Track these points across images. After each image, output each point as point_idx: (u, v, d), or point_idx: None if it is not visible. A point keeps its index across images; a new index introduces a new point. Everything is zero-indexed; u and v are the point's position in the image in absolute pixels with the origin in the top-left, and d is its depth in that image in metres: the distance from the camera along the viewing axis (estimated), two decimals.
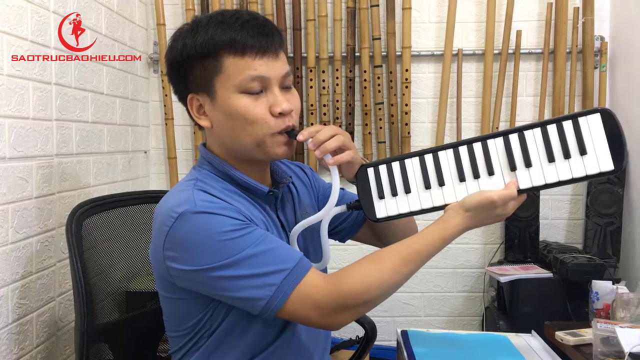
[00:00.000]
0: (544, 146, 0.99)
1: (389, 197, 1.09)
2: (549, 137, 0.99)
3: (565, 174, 0.98)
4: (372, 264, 1.03)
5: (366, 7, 2.39)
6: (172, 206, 1.04)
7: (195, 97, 1.12)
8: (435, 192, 1.06)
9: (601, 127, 0.97)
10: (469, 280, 2.51)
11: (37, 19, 1.57)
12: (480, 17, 2.44)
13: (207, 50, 1.06)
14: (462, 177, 1.04)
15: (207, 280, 1.02)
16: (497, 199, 1.00)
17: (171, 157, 2.49)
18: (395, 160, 1.11)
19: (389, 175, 1.10)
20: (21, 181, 1.48)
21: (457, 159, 1.05)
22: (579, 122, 0.98)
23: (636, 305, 1.72)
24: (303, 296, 1.00)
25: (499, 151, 1.02)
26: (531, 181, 1.00)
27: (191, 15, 2.42)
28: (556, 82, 2.41)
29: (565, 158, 0.98)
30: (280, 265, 1.01)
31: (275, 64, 1.08)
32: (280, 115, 1.07)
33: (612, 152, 0.96)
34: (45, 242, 1.60)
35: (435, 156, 1.07)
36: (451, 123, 2.47)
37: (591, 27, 2.39)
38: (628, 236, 2.24)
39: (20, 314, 1.47)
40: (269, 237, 1.04)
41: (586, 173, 0.97)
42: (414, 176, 1.08)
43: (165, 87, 2.46)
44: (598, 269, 2.01)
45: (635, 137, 2.21)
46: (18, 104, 1.48)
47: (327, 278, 1.03)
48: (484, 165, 1.03)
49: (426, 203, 1.07)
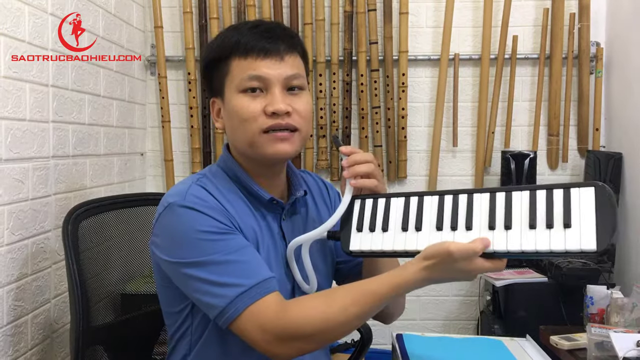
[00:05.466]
0: (528, 211, 0.92)
1: (366, 231, 1.04)
2: (536, 203, 0.92)
3: (543, 244, 0.89)
4: (323, 298, 1.02)
5: (363, 11, 2.40)
6: (168, 195, 1.09)
7: (215, 101, 1.16)
8: (410, 236, 1.00)
9: (592, 203, 0.89)
10: (464, 284, 2.52)
11: (34, 21, 1.57)
12: (477, 22, 2.46)
13: (219, 54, 1.11)
14: (440, 225, 0.98)
15: (178, 275, 1.05)
16: (454, 251, 0.91)
17: (168, 159, 2.49)
18: (383, 197, 1.07)
19: (373, 209, 1.06)
20: (17, 183, 1.48)
21: (440, 206, 1.00)
22: (570, 193, 0.91)
23: (630, 310, 1.73)
24: (254, 317, 0.99)
25: (482, 207, 0.96)
26: (507, 244, 0.91)
27: (189, 18, 2.43)
28: (552, 88, 2.42)
29: (547, 227, 0.90)
30: (241, 279, 1.00)
31: (279, 65, 1.09)
32: (273, 115, 1.07)
33: (598, 231, 0.87)
34: (41, 244, 1.59)
35: (420, 200, 1.03)
36: (447, 127, 2.48)
37: (587, 32, 2.40)
38: (623, 241, 2.24)
39: (15, 315, 1.47)
40: (246, 250, 1.04)
41: (565, 248, 0.87)
42: (395, 215, 1.03)
43: (162, 90, 2.46)
44: (593, 274, 2.01)
45: (630, 143, 2.22)
46: (15, 106, 1.48)
47: (281, 305, 1.00)
48: (464, 218, 0.96)
49: (399, 245, 1.00)
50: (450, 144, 2.49)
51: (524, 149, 2.44)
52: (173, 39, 2.50)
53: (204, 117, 2.47)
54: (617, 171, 2.25)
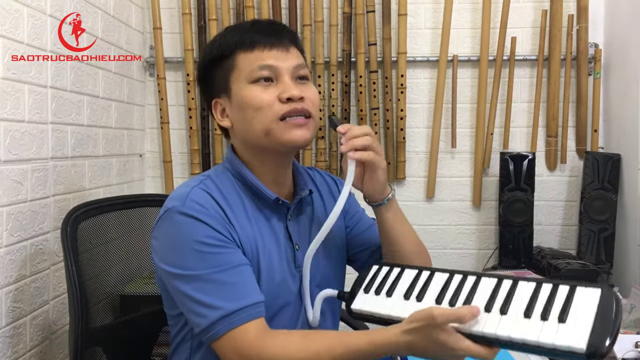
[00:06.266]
0: (528, 300, 0.89)
1: (372, 294, 1.04)
2: (539, 294, 0.90)
3: (532, 335, 0.84)
4: (301, 338, 1.00)
5: (362, 12, 2.41)
6: (169, 198, 1.08)
7: (218, 101, 1.15)
8: (410, 305, 0.98)
9: (595, 305, 0.84)
10: None
11: (33, 22, 1.57)
12: (476, 24, 2.46)
13: (222, 52, 1.12)
14: (439, 300, 0.96)
15: (169, 284, 1.05)
16: (437, 315, 0.86)
17: (166, 160, 2.49)
18: (399, 267, 1.08)
19: (386, 275, 1.07)
20: (16, 184, 1.48)
21: (447, 283, 0.99)
22: (575, 291, 0.88)
23: (629, 311, 1.73)
24: (232, 342, 0.99)
25: (485, 289, 0.95)
26: (497, 329, 0.86)
27: (187, 19, 2.43)
28: (550, 89, 2.42)
29: (541, 319, 0.85)
30: (225, 302, 1.00)
31: (286, 56, 1.10)
32: (288, 100, 1.08)
33: (592, 333, 0.81)
34: (40, 245, 1.59)
35: (431, 274, 1.03)
36: (446, 129, 2.48)
37: (585, 34, 2.40)
38: (621, 242, 2.25)
39: (14, 317, 1.47)
40: (237, 270, 1.03)
41: (553, 342, 0.82)
42: (403, 284, 1.03)
43: (161, 91, 2.46)
44: (591, 275, 2.02)
45: (628, 144, 2.23)
46: (13, 107, 1.48)
47: (260, 334, 1.00)
48: (464, 297, 0.95)
49: (397, 312, 0.98)
50: (449, 145, 2.49)
51: (522, 150, 2.45)
52: (172, 40, 2.50)
53: (203, 118, 2.47)
54: (616, 172, 2.25)
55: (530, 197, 2.28)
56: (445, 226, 2.52)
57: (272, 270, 1.10)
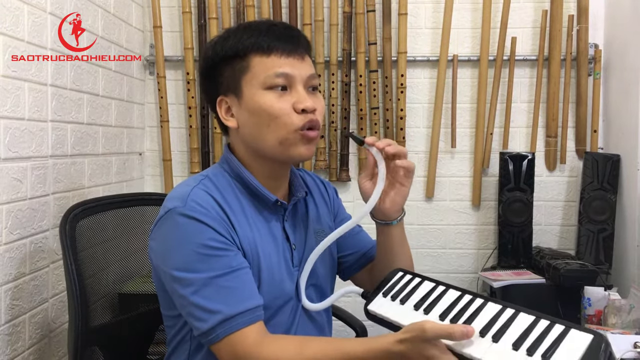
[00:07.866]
0: (521, 333, 0.92)
1: (388, 299, 1.07)
2: (533, 329, 0.92)
3: None
4: (297, 343, 1.01)
5: (362, 12, 2.40)
6: (169, 198, 1.08)
7: (224, 99, 1.14)
8: (416, 316, 1.01)
9: (582, 349, 0.86)
10: (462, 285, 2.48)
11: (33, 20, 1.57)
12: (476, 24, 2.46)
13: (235, 52, 1.10)
14: (444, 315, 0.99)
15: (168, 285, 1.05)
16: (428, 329, 0.89)
17: (166, 159, 2.49)
18: (420, 277, 1.10)
19: (406, 283, 1.09)
20: (16, 182, 1.48)
21: (456, 301, 1.02)
22: (568, 332, 0.90)
23: (628, 312, 1.73)
24: (231, 346, 1.00)
25: (487, 314, 0.97)
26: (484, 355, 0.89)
27: (188, 18, 2.43)
28: (550, 89, 2.42)
29: (527, 354, 0.88)
30: (224, 307, 1.00)
31: (301, 64, 1.10)
32: (303, 112, 1.08)
33: None
34: (39, 243, 1.59)
35: (445, 290, 1.05)
36: (446, 128, 2.48)
37: (585, 34, 2.41)
38: (620, 243, 2.25)
39: (12, 315, 1.47)
40: (237, 273, 1.03)
41: None
42: (417, 294, 1.06)
43: (161, 89, 2.46)
44: (590, 275, 2.02)
45: (628, 145, 2.23)
46: (13, 105, 1.48)
47: (259, 338, 1.01)
48: (466, 317, 0.97)
49: (404, 319, 1.01)
50: (448, 145, 2.49)
51: (522, 150, 2.45)
52: (172, 39, 2.50)
53: (203, 117, 2.47)
54: (615, 173, 2.25)
55: (529, 197, 2.28)
56: (445, 226, 2.52)
57: (272, 271, 1.11)
